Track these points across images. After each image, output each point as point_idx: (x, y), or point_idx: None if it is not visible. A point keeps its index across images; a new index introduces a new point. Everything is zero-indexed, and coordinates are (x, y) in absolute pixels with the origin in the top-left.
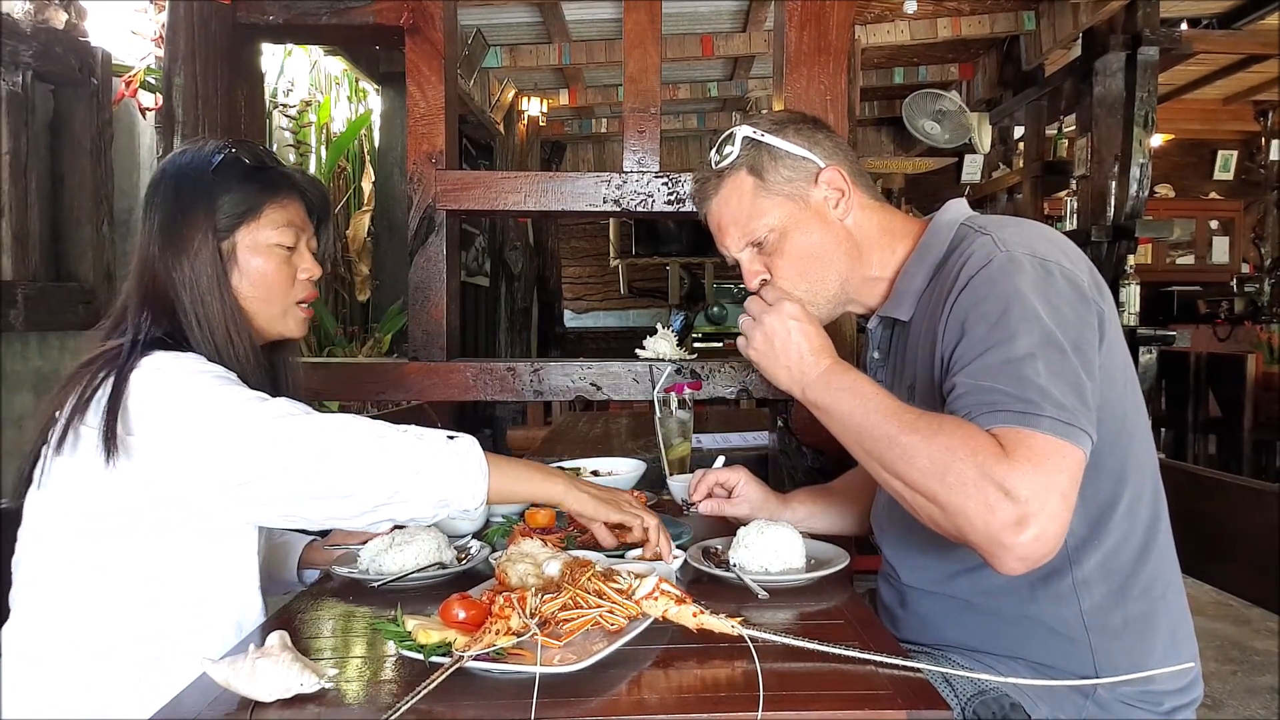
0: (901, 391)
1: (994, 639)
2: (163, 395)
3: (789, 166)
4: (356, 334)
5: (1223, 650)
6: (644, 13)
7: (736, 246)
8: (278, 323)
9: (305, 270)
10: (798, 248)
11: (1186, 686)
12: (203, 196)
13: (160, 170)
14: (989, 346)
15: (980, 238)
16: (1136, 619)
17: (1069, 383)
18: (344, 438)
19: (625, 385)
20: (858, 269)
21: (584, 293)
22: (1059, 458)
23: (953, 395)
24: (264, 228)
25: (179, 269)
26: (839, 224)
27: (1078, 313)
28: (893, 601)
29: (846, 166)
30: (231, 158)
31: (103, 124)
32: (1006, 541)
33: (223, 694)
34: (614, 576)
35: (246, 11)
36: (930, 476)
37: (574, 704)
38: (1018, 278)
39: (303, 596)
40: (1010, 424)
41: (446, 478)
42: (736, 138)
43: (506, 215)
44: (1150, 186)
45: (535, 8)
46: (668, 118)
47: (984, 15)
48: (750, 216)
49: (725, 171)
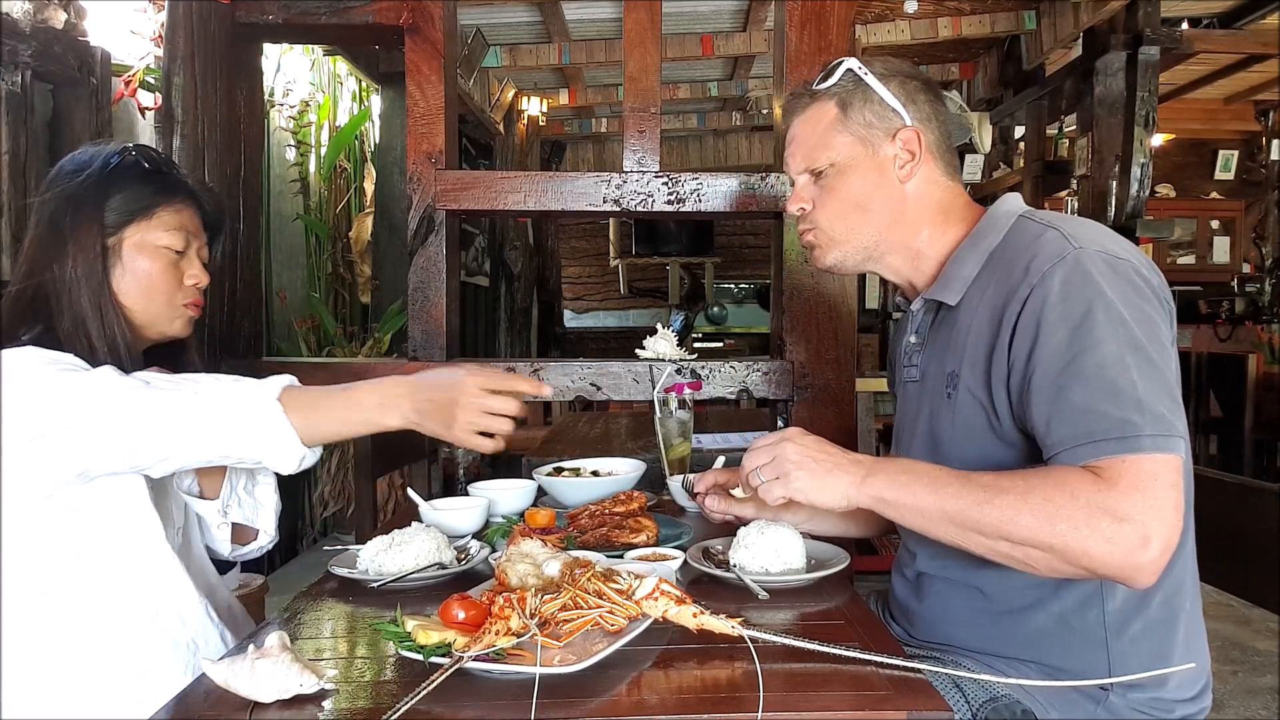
0: (941, 377)
1: (1009, 638)
2: (11, 378)
3: (875, 113)
4: (356, 334)
5: (1223, 650)
6: (644, 12)
7: (796, 168)
8: (162, 323)
9: (193, 277)
10: (848, 190)
11: (1198, 695)
12: (95, 192)
13: (58, 166)
14: (1076, 352)
15: (1048, 231)
16: (1156, 625)
17: (1160, 384)
18: (126, 396)
19: (625, 385)
20: (898, 233)
21: (584, 293)
22: (1166, 472)
23: (1042, 411)
24: (154, 229)
25: (60, 261)
26: (898, 184)
27: (1155, 310)
28: (907, 595)
29: (933, 136)
30: (130, 159)
31: (102, 124)
32: (1138, 562)
33: (223, 694)
34: (614, 577)
35: (246, 11)
36: (1041, 533)
37: (574, 704)
38: (1096, 276)
39: (303, 596)
40: (1113, 453)
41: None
42: (842, 67)
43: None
44: (1151, 186)
45: (535, 7)
46: (668, 118)
47: (985, 15)
48: (819, 145)
49: (819, 94)
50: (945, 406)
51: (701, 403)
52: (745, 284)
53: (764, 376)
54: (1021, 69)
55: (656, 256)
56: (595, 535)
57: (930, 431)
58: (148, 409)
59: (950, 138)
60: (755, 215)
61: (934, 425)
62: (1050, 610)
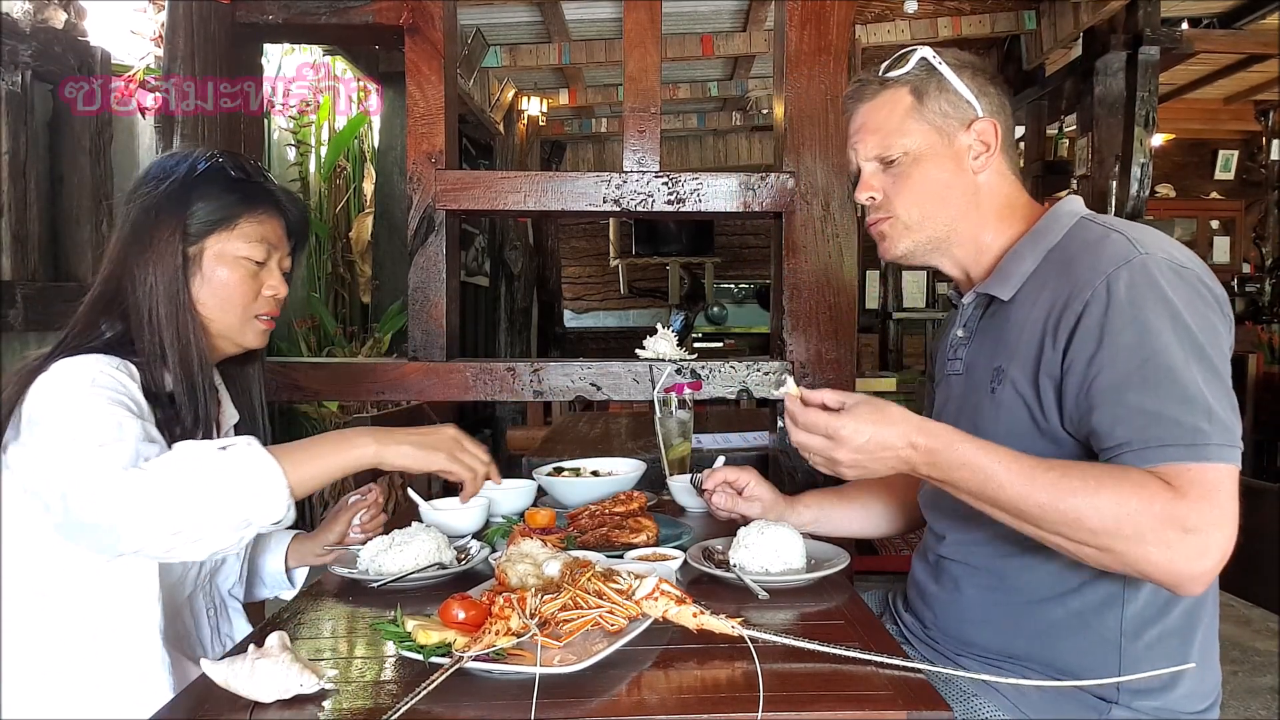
0: (986, 371)
1: (1022, 630)
2: (44, 396)
3: (950, 103)
4: (356, 334)
5: (1223, 650)
6: (644, 12)
7: (865, 154)
8: (235, 334)
9: (271, 288)
10: (925, 179)
11: (1207, 708)
12: (179, 199)
13: (145, 170)
14: (1146, 357)
15: (1112, 235)
16: (1173, 634)
17: (1224, 392)
18: (138, 496)
19: (625, 385)
20: (970, 223)
21: (584, 293)
22: (1228, 482)
23: (1105, 414)
24: (235, 239)
25: (141, 266)
26: (972, 175)
27: (1219, 318)
28: (927, 578)
29: (1004, 128)
30: (216, 166)
31: (102, 124)
32: (1194, 572)
33: (222, 694)
34: (614, 577)
35: (246, 11)
36: (1103, 534)
37: (574, 704)
38: (1162, 283)
39: (303, 596)
40: (1181, 460)
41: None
42: (915, 56)
43: (506, 215)
44: (1151, 186)
45: (535, 7)
46: (668, 118)
47: (985, 15)
48: (894, 132)
49: (890, 81)
50: (988, 401)
51: (701, 403)
52: (745, 284)
53: (764, 376)
54: (1021, 69)
55: (656, 256)
56: (595, 535)
57: (972, 425)
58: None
59: (1014, 132)
60: (755, 215)
61: (976, 419)
62: (1069, 606)
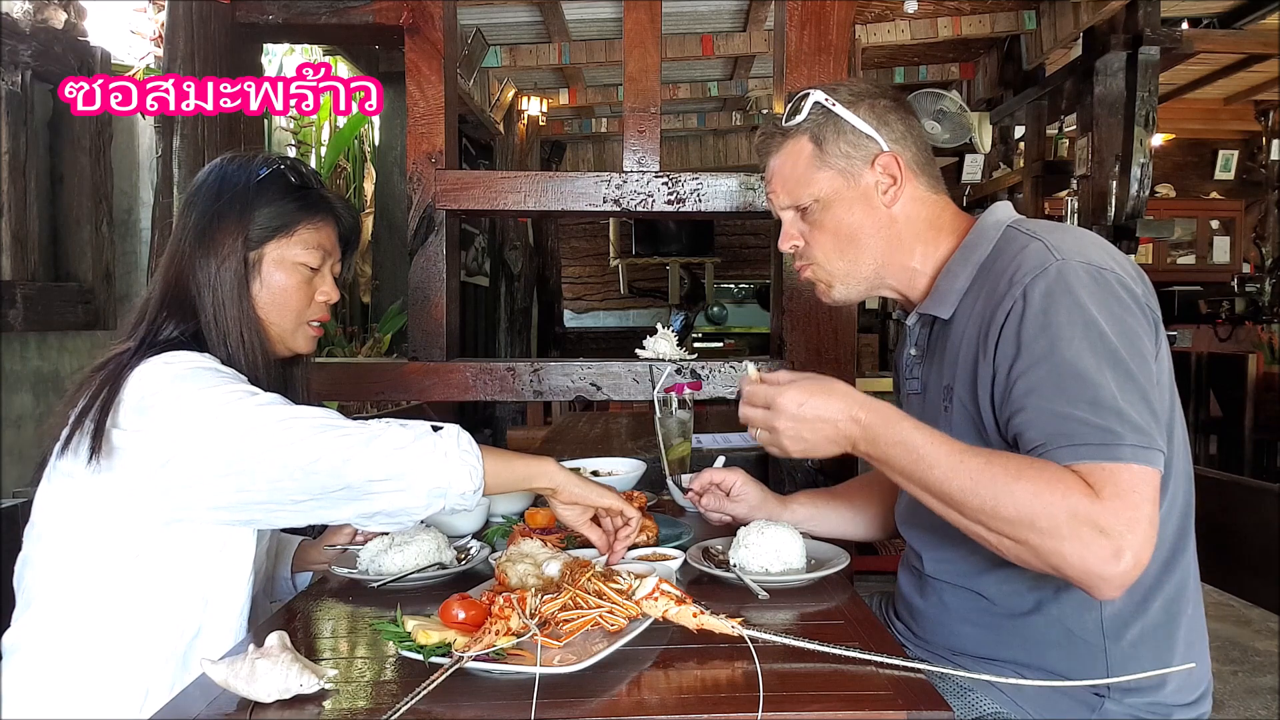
0: (939, 391)
1: (1010, 641)
2: (159, 384)
3: (850, 143)
4: (356, 334)
5: (1223, 651)
6: (644, 12)
7: (780, 206)
8: (288, 337)
9: (324, 293)
10: (837, 224)
11: (1197, 700)
12: (241, 204)
13: (206, 171)
14: (1056, 363)
15: (1032, 243)
16: (1155, 630)
17: (1140, 396)
18: (326, 434)
19: (625, 385)
20: (896, 255)
21: (584, 293)
22: (1144, 485)
23: (1022, 418)
24: (294, 245)
25: (205, 269)
26: (884, 210)
27: (1137, 321)
28: (912, 590)
29: (910, 154)
30: (277, 173)
31: (102, 124)
32: (1106, 574)
33: (222, 694)
34: (614, 577)
35: (246, 11)
36: (1018, 525)
37: (574, 704)
38: (1076, 288)
39: (303, 597)
40: (1093, 459)
41: (439, 466)
42: (809, 101)
43: (506, 215)
44: (1151, 186)
45: (535, 7)
46: (668, 118)
47: (985, 15)
48: (800, 183)
49: (789, 131)
50: (943, 420)
51: (701, 403)
52: (745, 284)
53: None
54: (1021, 69)
55: (656, 256)
56: None
57: None
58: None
59: (929, 149)
60: (755, 215)
61: None
62: (1049, 614)
